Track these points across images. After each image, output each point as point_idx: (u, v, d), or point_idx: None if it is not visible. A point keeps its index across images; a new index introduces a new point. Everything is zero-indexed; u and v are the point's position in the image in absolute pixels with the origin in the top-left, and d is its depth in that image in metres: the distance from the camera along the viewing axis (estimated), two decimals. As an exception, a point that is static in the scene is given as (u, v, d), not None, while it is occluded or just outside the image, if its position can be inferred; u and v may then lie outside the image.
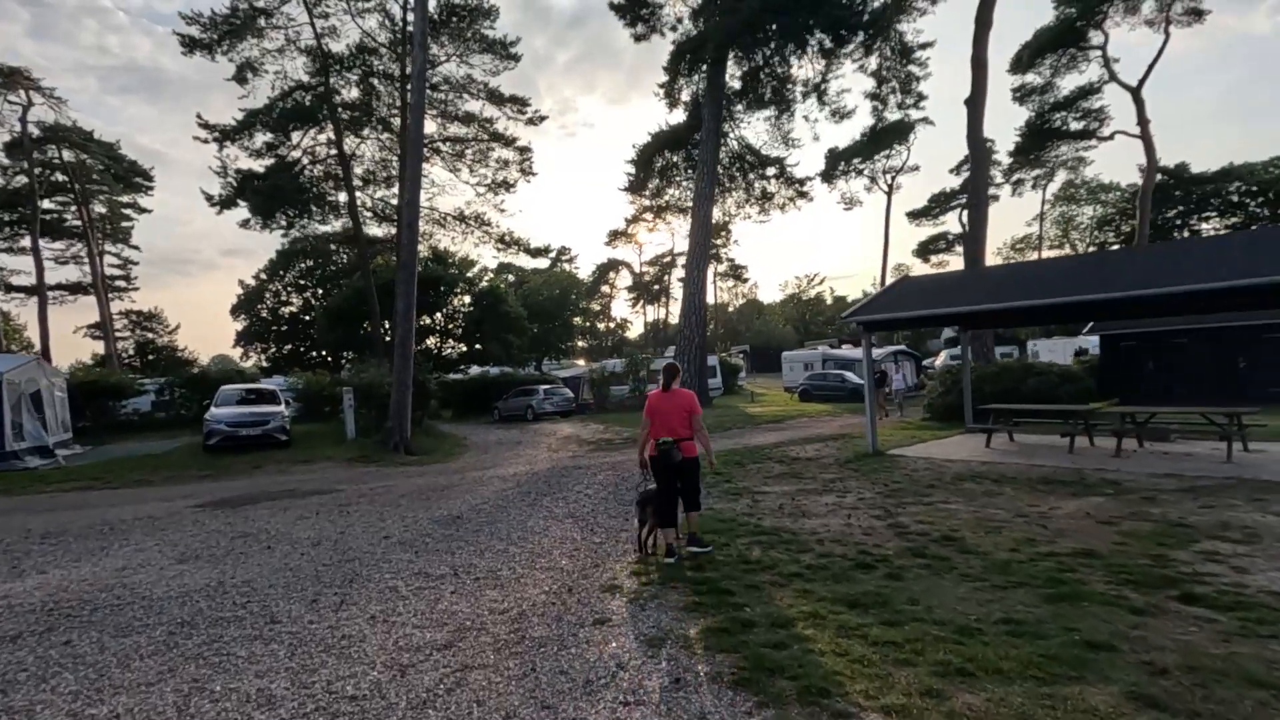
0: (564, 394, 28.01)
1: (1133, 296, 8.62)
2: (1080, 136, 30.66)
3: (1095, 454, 10.97)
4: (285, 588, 5.74)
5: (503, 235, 25.72)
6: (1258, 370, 17.10)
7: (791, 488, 9.59)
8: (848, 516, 7.62)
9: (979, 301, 10.40)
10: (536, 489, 10.55)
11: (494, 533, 7.61)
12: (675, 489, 6.06)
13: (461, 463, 14.97)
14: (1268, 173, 46.45)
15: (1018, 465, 10.34)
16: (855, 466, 11.01)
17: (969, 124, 20.20)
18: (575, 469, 12.60)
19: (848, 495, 8.83)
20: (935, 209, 55.38)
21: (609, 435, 19.09)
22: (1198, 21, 26.21)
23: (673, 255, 79.72)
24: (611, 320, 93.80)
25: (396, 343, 16.74)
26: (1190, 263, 9.49)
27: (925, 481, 9.45)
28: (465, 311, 36.09)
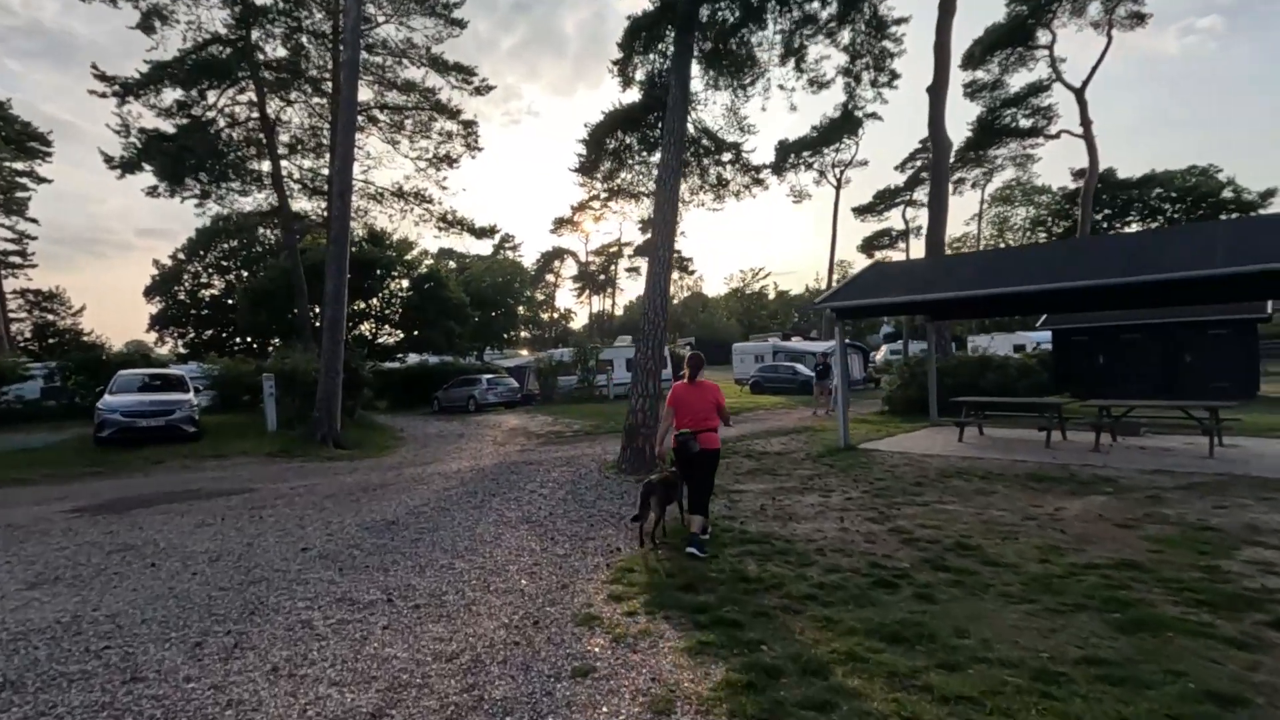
0: (509, 384, 26.65)
1: (1137, 282, 8.14)
2: (1029, 134, 31.21)
3: (1072, 448, 10.58)
4: (163, 624, 4.46)
5: (445, 214, 24.00)
6: (1202, 365, 17.39)
7: (768, 486, 8.76)
8: (840, 519, 6.81)
9: (963, 288, 9.81)
10: (484, 488, 9.38)
11: (436, 542, 6.45)
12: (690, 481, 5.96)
13: (398, 457, 13.59)
14: (1185, 180, 48.94)
15: (999, 461, 9.81)
16: (830, 462, 10.29)
17: (930, 112, 19.92)
18: (526, 465, 11.46)
19: (832, 494, 8.05)
20: (880, 205, 56.12)
21: (559, 428, 17.95)
22: (1140, 25, 26.90)
23: (619, 245, 78.77)
24: (556, 310, 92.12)
25: (325, 326, 15.13)
26: (1177, 250, 9.10)
27: (910, 479, 8.77)
28: (403, 296, 34.08)
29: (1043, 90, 28.58)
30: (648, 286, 10.88)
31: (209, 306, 37.63)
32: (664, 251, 10.88)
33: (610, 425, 17.71)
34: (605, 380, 28.19)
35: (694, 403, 5.90)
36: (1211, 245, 8.74)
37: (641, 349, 10.60)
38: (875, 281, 11.48)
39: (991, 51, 28.64)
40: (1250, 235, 9.05)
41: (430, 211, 23.76)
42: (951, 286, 10.05)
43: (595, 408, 23.67)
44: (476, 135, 22.46)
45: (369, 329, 34.32)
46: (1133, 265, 8.85)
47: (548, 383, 27.31)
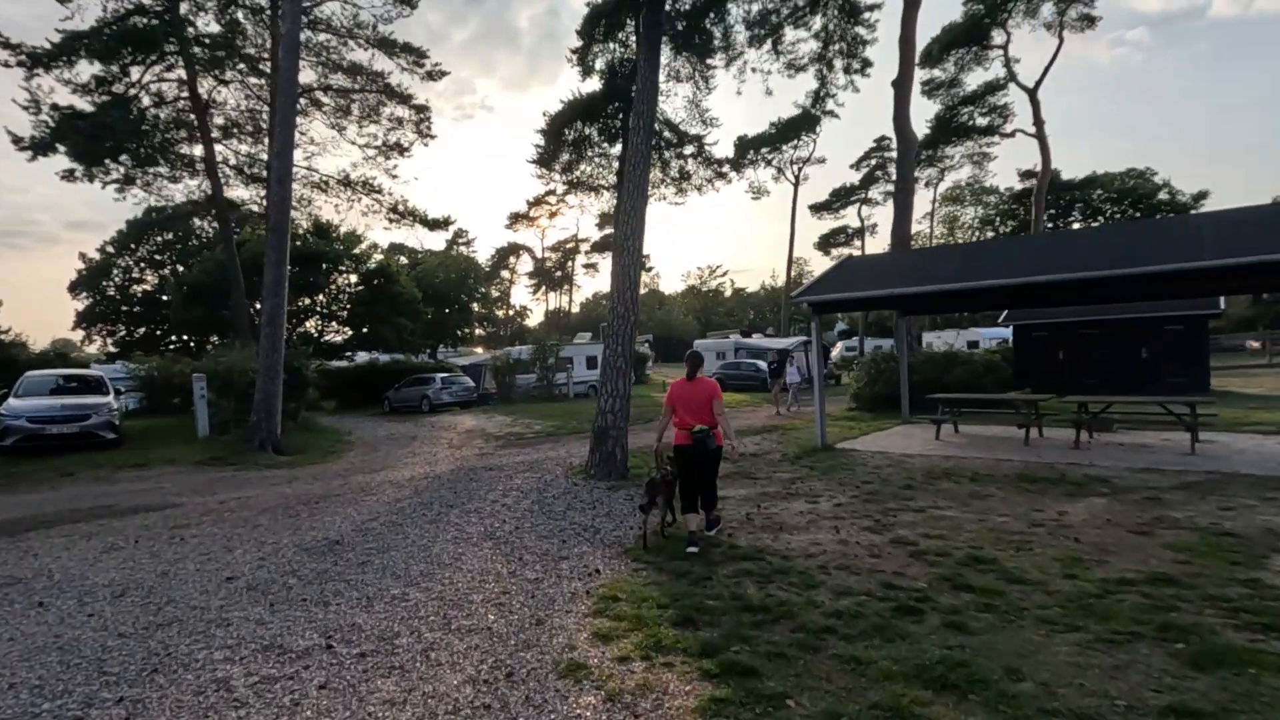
0: (464, 383, 25.59)
1: (1128, 274, 7.83)
2: (985, 132, 31.64)
3: (1051, 446, 10.34)
4: (36, 690, 3.57)
5: (396, 204, 22.76)
6: (1159, 361, 17.63)
7: (750, 491, 8.18)
8: (836, 529, 6.26)
9: (943, 281, 9.42)
10: (440, 498, 8.54)
11: (387, 567, 5.64)
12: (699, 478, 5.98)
13: (344, 464, 12.56)
14: (1124, 183, 50.79)
15: (983, 460, 9.47)
16: (809, 464, 9.79)
17: (895, 106, 19.72)
18: (485, 470, 10.64)
19: (820, 500, 7.52)
20: (837, 203, 56.61)
21: (518, 429, 17.10)
22: (1090, 27, 27.44)
23: (576, 241, 77.75)
24: (511, 308, 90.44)
25: (263, 321, 13.95)
26: (1163, 242, 8.88)
27: (897, 481, 8.32)
28: (352, 292, 32.55)
29: (999, 89, 28.97)
30: (615, 279, 10.19)
31: (141, 303, 35.29)
32: (633, 241, 10.20)
33: (573, 426, 16.96)
34: (565, 379, 27.36)
35: (691, 400, 5.99)
36: (1197, 238, 8.53)
37: (610, 345, 9.91)
38: (849, 276, 11.05)
39: (949, 50, 28.84)
40: (1232, 228, 8.88)
41: (380, 202, 22.52)
42: (931, 280, 9.66)
43: (556, 407, 22.85)
44: (429, 122, 21.37)
45: (315, 326, 32.65)
46: (1122, 258, 8.58)
47: (505, 382, 26.34)
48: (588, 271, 78.76)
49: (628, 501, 7.83)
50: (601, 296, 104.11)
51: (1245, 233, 8.25)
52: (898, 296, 9.78)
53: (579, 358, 29.09)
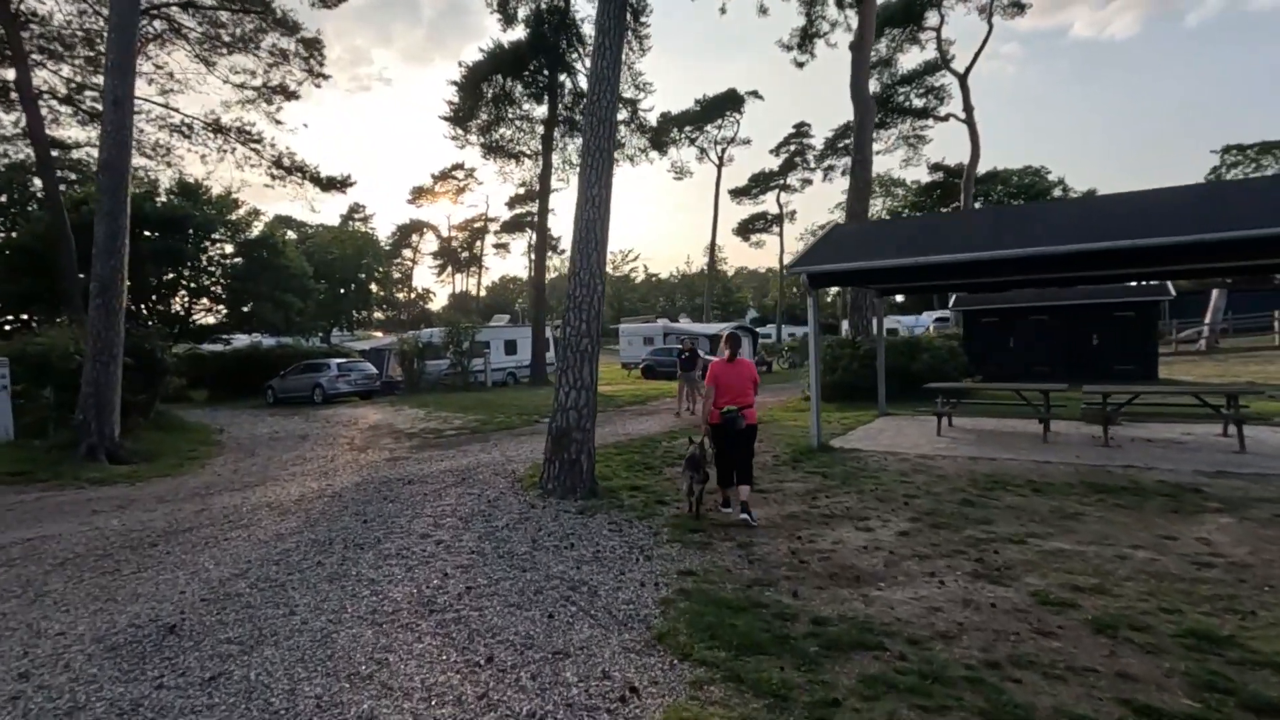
0: (364, 370, 22.36)
1: (1202, 241, 6.45)
2: (921, 114, 31.32)
3: (1072, 443, 9.10)
4: None
5: (279, 157, 19.15)
6: (1109, 347, 17.33)
7: (769, 510, 6.28)
8: (933, 576, 4.45)
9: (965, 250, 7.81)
10: (343, 533, 6.07)
11: (254, 688, 3.27)
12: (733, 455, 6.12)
13: (208, 476, 9.64)
14: (1022, 179, 53.14)
15: (1017, 462, 8.02)
16: (816, 468, 8.01)
17: (853, 72, 18.34)
18: (403, 484, 8.17)
19: (872, 524, 5.71)
20: (755, 189, 56.06)
21: (435, 424, 14.47)
22: (1020, 15, 27.46)
23: (485, 220, 73.57)
24: (413, 290, 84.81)
25: (95, 291, 10.62)
26: (1238, 206, 7.65)
27: (945, 494, 6.66)
28: (227, 265, 28.07)
29: (938, 69, 28.57)
30: (578, 237, 7.93)
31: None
32: (600, 190, 7.97)
33: (500, 420, 14.52)
34: (483, 365, 24.61)
35: (733, 380, 6.16)
36: (1261, 202, 7.34)
37: (572, 321, 7.66)
38: (853, 243, 9.36)
39: (884, 28, 28.09)
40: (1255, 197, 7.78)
41: (259, 153, 18.87)
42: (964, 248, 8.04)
43: (475, 398, 20.18)
44: (322, 58, 17.96)
45: (182, 303, 27.92)
46: (1214, 220, 7.25)
47: (413, 368, 23.29)
48: (498, 253, 74.80)
49: (615, 534, 5.70)
50: (510, 280, 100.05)
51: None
52: (915, 267, 8.13)
53: (496, 342, 26.37)
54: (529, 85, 22.84)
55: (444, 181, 63.31)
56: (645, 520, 6.09)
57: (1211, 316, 27.75)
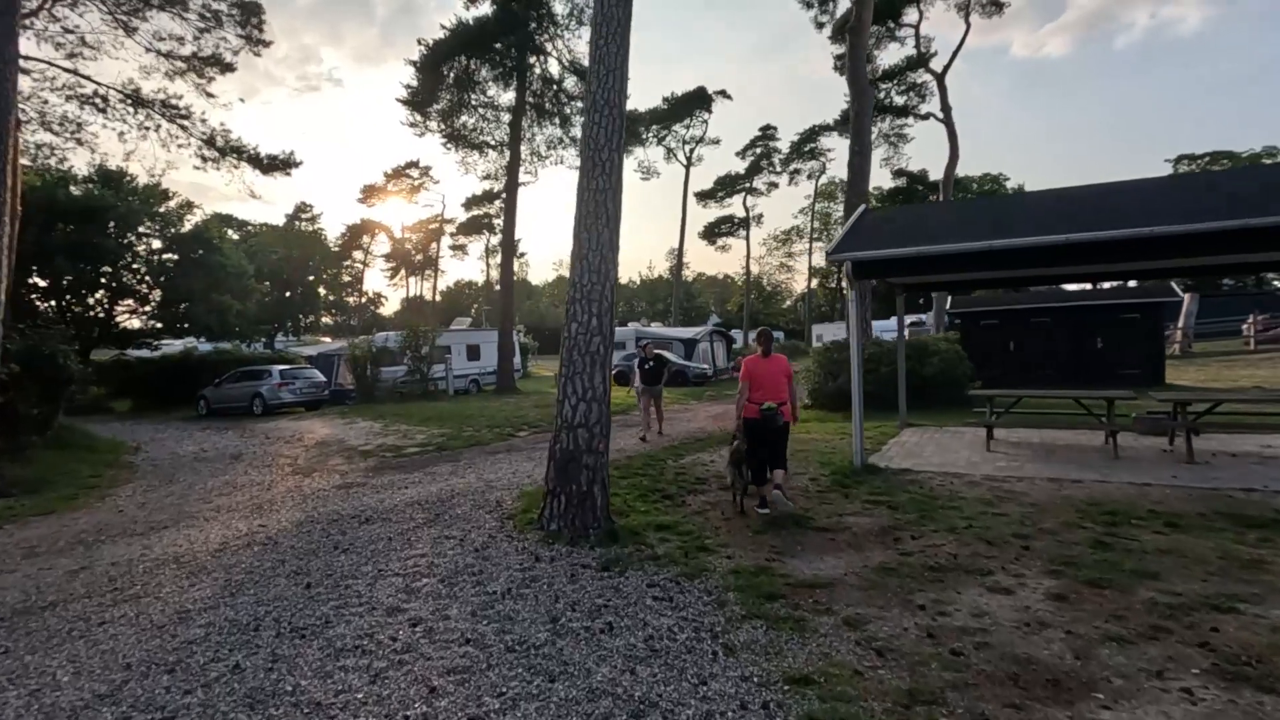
0: (311, 377, 20.21)
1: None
2: (901, 112, 30.60)
3: (1151, 459, 7.92)
4: None
5: (211, 135, 16.89)
6: (1114, 350, 16.55)
7: (852, 561, 4.79)
8: (1159, 675, 3.03)
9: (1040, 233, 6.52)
10: (276, 611, 4.33)
11: None
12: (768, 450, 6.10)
13: (105, 512, 7.66)
14: (981, 187, 53.66)
15: (1112, 487, 6.74)
16: (881, 498, 6.57)
17: (851, 57, 17.28)
18: (358, 524, 6.42)
19: (997, 577, 4.31)
20: (721, 191, 55.13)
21: (394, 439, 12.60)
22: (998, 13, 27.02)
23: (441, 221, 70.82)
24: (364, 293, 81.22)
25: (-33, 279, 8.51)
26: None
27: (1059, 531, 5.30)
28: (156, 262, 25.36)
29: (920, 65, 27.86)
30: (584, 211, 6.32)
31: None
32: (610, 154, 6.38)
33: (470, 435, 12.76)
34: (444, 371, 22.64)
35: (767, 377, 6.19)
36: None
37: (580, 318, 6.04)
38: (894, 230, 8.03)
39: (863, 24, 27.23)
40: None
41: (186, 130, 16.58)
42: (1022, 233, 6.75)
43: (437, 408, 18.25)
44: (260, 22, 15.83)
45: (101, 303, 25.06)
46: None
47: (367, 376, 21.18)
48: (455, 254, 72.06)
49: (664, 604, 4.13)
50: (466, 284, 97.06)
51: None
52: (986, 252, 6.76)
53: (458, 347, 24.42)
54: (495, 67, 21.07)
55: (397, 180, 60.55)
56: (695, 579, 4.53)
57: (1185, 321, 27.69)
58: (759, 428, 6.05)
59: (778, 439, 6.10)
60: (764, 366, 6.20)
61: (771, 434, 6.06)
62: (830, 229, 64.39)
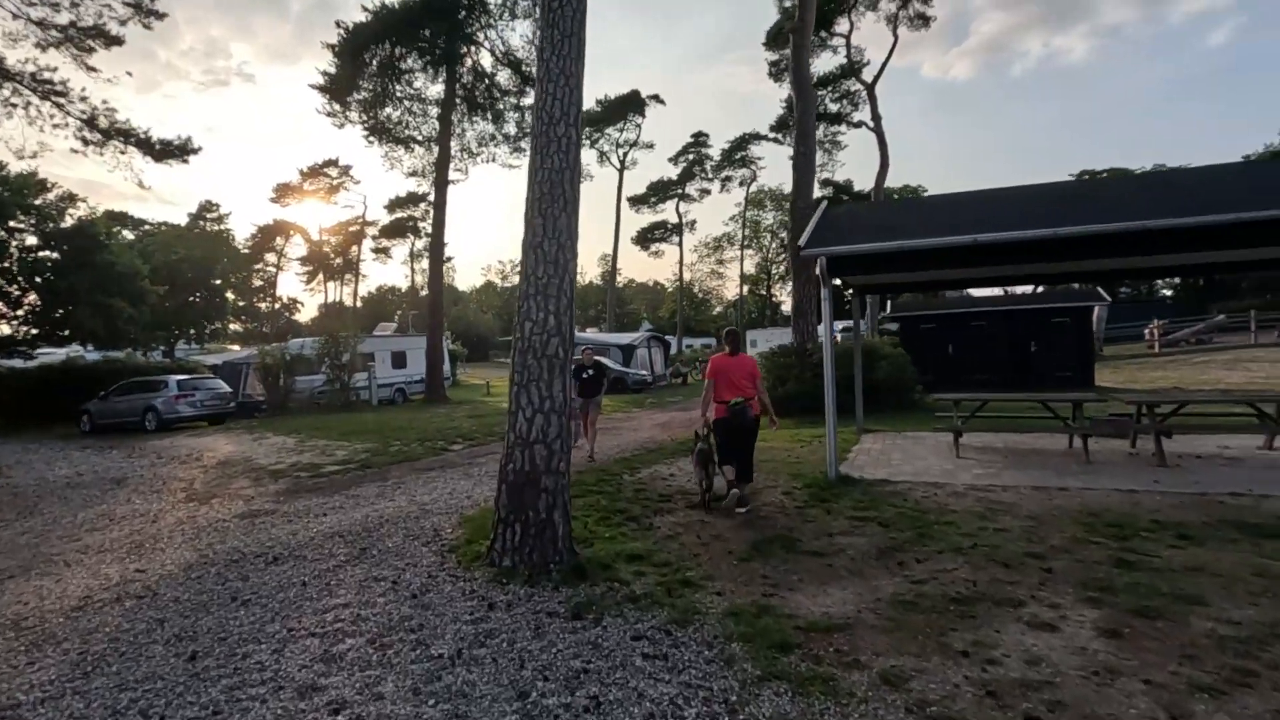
0: (214, 388, 18.29)
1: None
2: (835, 119, 30.95)
3: (1122, 462, 7.73)
4: None
5: (93, 115, 14.92)
6: (1047, 354, 16.92)
7: (861, 594, 4.15)
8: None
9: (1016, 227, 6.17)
10: (144, 700, 3.27)
11: None
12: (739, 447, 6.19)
13: (-63, 557, 6.18)
14: (902, 197, 55.36)
15: (1102, 494, 6.43)
16: (866, 514, 6.00)
17: (794, 58, 17.05)
18: (264, 564, 5.33)
19: (1031, 609, 3.76)
20: (654, 197, 54.91)
21: (311, 457, 11.27)
22: (924, 27, 27.76)
23: (362, 224, 67.62)
24: (278, 299, 76.49)
25: None
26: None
27: (1072, 548, 4.86)
28: (30, 260, 22.57)
29: (852, 74, 28.25)
30: (538, 194, 5.47)
31: None
32: (567, 128, 5.56)
33: (398, 449, 11.58)
34: (367, 381, 21.04)
35: (734, 375, 6.25)
36: None
37: (535, 316, 5.17)
38: (865, 225, 7.56)
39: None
40: None
41: (63, 109, 14.57)
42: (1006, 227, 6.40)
43: (360, 420, 16.78)
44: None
45: (-39, 306, 22.04)
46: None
47: (280, 385, 19.38)
48: (377, 258, 68.89)
49: (657, 663, 3.34)
50: (389, 290, 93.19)
51: None
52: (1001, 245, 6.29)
53: (383, 354, 22.83)
54: (422, 56, 19.76)
55: (314, 179, 57.35)
56: (688, 626, 3.77)
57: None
58: (730, 424, 6.11)
59: (748, 436, 6.22)
60: (731, 365, 6.29)
61: (743, 430, 6.15)
62: (760, 237, 65.31)
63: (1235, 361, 21.78)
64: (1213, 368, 21.04)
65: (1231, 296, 37.63)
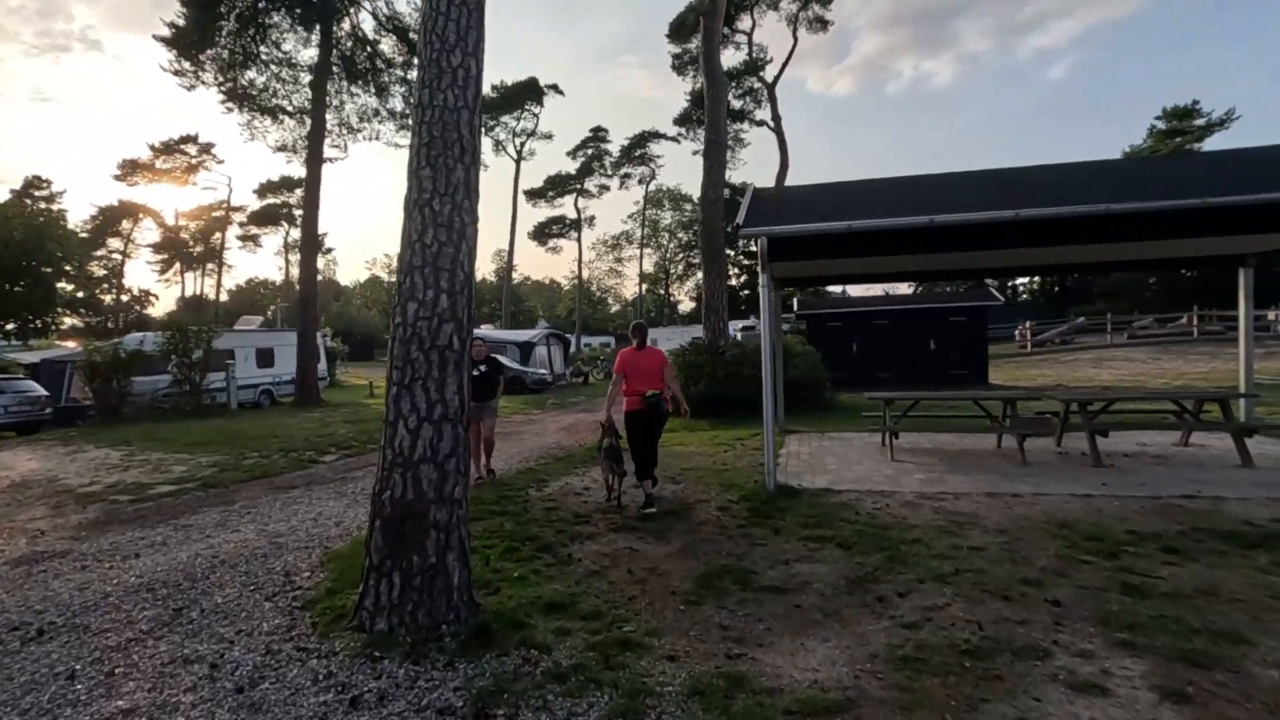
0: (25, 391, 15.25)
1: None
2: (738, 116, 30.79)
3: (1057, 463, 7.45)
4: None
5: None
6: (945, 352, 17.27)
7: (847, 648, 3.27)
8: None
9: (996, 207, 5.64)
10: None
11: None
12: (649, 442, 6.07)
13: None
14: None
15: (1059, 500, 5.99)
16: (816, 532, 5.20)
17: (705, 43, 16.41)
18: (20, 639, 3.74)
19: (1062, 660, 3.00)
20: (551, 191, 53.39)
21: (140, 473, 9.22)
22: (822, 30, 28.15)
23: (227, 209, 61.35)
24: (125, 290, 67.94)
25: None
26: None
27: (1060, 568, 4.25)
28: None
29: (755, 71, 28.17)
30: (426, 139, 4.20)
31: None
32: (464, 58, 4.35)
33: (254, 462, 9.77)
34: (225, 381, 18.38)
35: (644, 368, 6.08)
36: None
37: (422, 295, 3.91)
38: (800, 207, 6.80)
39: (698, 26, 27.06)
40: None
41: None
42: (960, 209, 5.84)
43: (211, 427, 14.42)
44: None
45: None
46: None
47: (113, 387, 16.46)
48: (245, 246, 62.83)
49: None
50: (261, 283, 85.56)
51: None
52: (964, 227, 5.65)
53: (245, 351, 20.12)
54: (291, 12, 17.41)
55: (168, 156, 51.28)
56: (636, 717, 2.71)
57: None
58: (643, 417, 5.99)
59: (657, 429, 6.19)
60: (640, 358, 6.14)
61: (655, 422, 6.09)
62: (659, 236, 65.30)
63: (1100, 360, 23.51)
64: (1081, 366, 22.58)
65: (1084, 301, 41.22)
